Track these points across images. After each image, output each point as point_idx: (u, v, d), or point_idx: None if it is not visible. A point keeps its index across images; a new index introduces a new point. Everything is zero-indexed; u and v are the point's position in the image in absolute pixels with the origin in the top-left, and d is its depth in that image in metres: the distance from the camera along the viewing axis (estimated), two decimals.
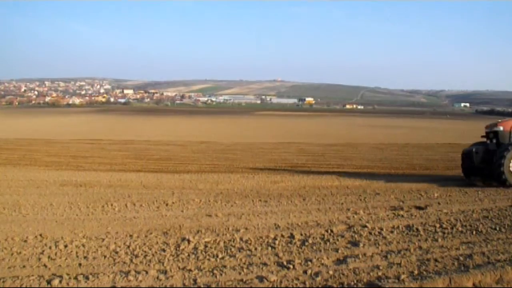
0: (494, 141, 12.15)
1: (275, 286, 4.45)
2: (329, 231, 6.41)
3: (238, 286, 4.44)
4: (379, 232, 6.39)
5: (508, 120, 12.60)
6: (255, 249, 5.57)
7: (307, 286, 4.45)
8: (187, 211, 7.74)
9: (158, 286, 4.40)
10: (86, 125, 45.94)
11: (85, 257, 5.16)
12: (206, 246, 5.65)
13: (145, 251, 5.40)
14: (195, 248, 5.58)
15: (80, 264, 4.93)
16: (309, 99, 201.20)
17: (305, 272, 4.77)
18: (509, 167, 11.30)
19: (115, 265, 4.94)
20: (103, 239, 5.83)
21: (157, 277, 4.56)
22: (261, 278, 4.58)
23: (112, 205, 8.03)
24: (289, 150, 22.41)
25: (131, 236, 6.04)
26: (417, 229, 6.61)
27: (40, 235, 5.94)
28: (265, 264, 5.01)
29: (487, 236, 6.32)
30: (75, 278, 4.50)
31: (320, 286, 4.47)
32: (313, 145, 25.55)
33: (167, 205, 8.18)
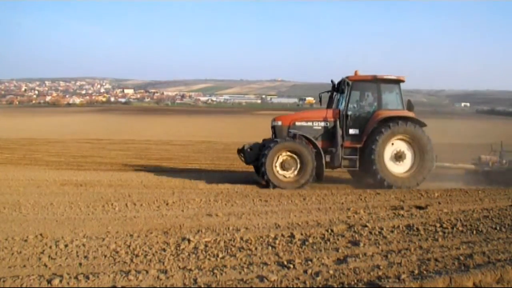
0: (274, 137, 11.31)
1: (276, 285, 4.45)
2: (329, 230, 6.42)
3: (238, 285, 4.44)
4: (379, 232, 6.40)
5: (288, 115, 11.89)
6: (256, 248, 5.58)
7: (308, 285, 4.46)
8: (187, 211, 7.74)
9: (158, 286, 4.40)
10: (86, 125, 45.94)
11: (85, 257, 5.16)
12: (206, 246, 5.66)
13: (145, 251, 5.40)
14: (196, 247, 5.59)
15: (80, 264, 4.94)
16: (309, 99, 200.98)
17: (305, 271, 4.78)
18: (272, 166, 10.54)
19: (115, 264, 4.94)
20: (104, 239, 5.83)
21: (158, 277, 4.57)
22: (261, 278, 4.58)
23: (112, 204, 8.03)
24: None
25: (131, 235, 6.05)
26: (417, 228, 6.61)
27: (41, 234, 5.94)
28: (265, 263, 5.02)
29: (487, 235, 6.32)
30: (76, 277, 4.50)
31: (320, 285, 4.48)
32: None
33: (167, 204, 8.18)
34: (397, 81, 11.42)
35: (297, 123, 11.26)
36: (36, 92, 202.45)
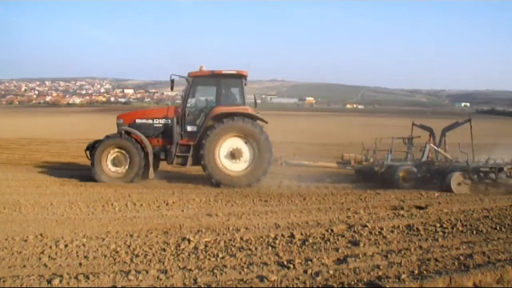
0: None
1: (276, 285, 4.45)
2: (329, 230, 6.42)
3: (238, 285, 4.45)
4: (379, 232, 6.40)
5: (130, 113, 11.91)
6: (256, 248, 5.58)
7: (308, 285, 4.46)
8: (187, 211, 7.74)
9: (158, 286, 4.41)
10: (86, 125, 45.90)
11: (85, 257, 5.17)
12: (206, 246, 5.66)
13: (145, 251, 5.40)
14: (196, 247, 5.59)
15: (80, 264, 4.94)
16: (309, 99, 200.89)
17: (305, 271, 4.78)
18: (101, 161, 10.62)
19: (115, 264, 4.94)
20: (104, 239, 5.83)
21: (158, 277, 4.57)
22: (261, 278, 4.58)
23: (112, 204, 8.03)
24: (289, 150, 22.38)
25: (131, 235, 6.05)
26: (417, 228, 6.62)
27: (41, 234, 5.94)
28: (265, 263, 5.02)
29: (487, 235, 6.33)
30: (76, 277, 4.51)
31: (320, 285, 4.48)
32: (314, 144, 25.52)
33: (167, 204, 8.18)
34: (239, 76, 11.06)
35: (138, 121, 11.28)
36: (36, 92, 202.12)
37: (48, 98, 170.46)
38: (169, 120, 11.06)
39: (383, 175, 11.41)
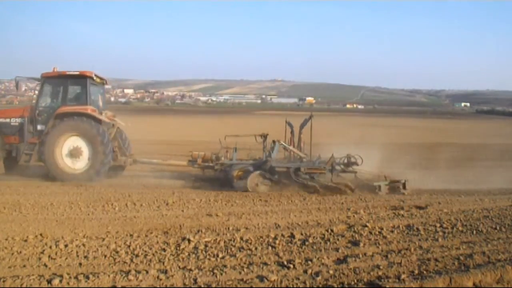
0: None
1: (276, 285, 4.46)
2: (329, 230, 6.42)
3: (238, 285, 4.45)
4: (379, 232, 6.41)
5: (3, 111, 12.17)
6: (256, 248, 5.58)
7: (308, 285, 4.46)
8: (187, 211, 7.74)
9: (158, 286, 4.41)
10: None
11: (85, 257, 5.17)
12: (206, 246, 5.66)
13: (145, 251, 5.40)
14: (196, 247, 5.59)
15: (80, 264, 4.94)
16: (309, 99, 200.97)
17: (305, 271, 4.78)
18: None
19: (115, 264, 4.94)
20: (104, 239, 5.84)
21: (158, 277, 4.57)
22: (261, 278, 4.59)
23: (112, 204, 8.03)
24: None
25: (131, 235, 6.05)
26: (417, 228, 6.62)
27: (41, 234, 5.94)
28: (265, 263, 5.02)
29: (487, 235, 6.33)
30: (76, 277, 4.51)
31: (320, 285, 4.48)
32: (314, 144, 25.42)
33: (167, 204, 8.18)
34: (83, 77, 11.50)
35: None
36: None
37: None
38: (24, 119, 11.53)
39: (222, 174, 11.29)
